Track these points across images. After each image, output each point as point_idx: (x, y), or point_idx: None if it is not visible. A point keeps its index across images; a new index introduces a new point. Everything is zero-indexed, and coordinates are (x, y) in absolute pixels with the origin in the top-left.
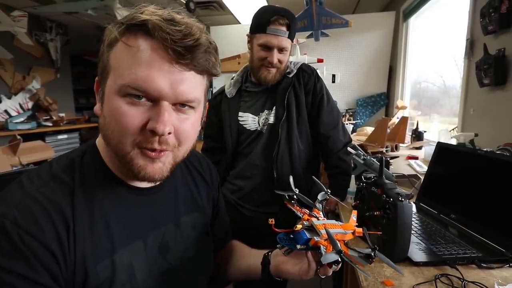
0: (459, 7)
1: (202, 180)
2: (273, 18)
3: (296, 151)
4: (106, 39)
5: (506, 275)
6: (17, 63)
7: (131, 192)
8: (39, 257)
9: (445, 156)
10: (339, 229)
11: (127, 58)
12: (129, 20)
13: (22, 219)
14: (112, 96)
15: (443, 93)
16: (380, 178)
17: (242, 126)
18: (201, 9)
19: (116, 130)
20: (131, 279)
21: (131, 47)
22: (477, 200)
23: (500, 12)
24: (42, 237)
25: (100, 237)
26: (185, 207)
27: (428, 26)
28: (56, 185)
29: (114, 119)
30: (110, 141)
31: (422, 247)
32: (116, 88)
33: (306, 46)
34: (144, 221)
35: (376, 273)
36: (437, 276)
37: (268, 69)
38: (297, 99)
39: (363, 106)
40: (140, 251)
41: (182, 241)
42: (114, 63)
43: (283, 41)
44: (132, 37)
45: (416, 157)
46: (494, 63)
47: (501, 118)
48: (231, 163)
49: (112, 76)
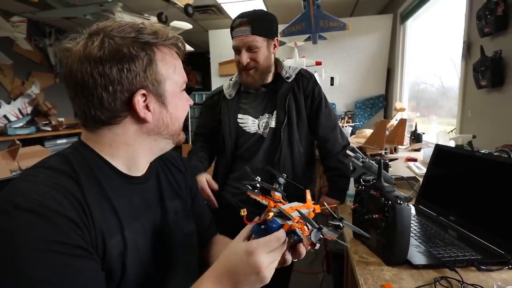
0: (456, 9)
1: (177, 171)
2: (235, 23)
3: (297, 154)
4: (144, 56)
5: (505, 277)
6: (16, 68)
7: (126, 181)
8: (68, 227)
9: (443, 158)
10: (304, 209)
11: (176, 66)
12: (165, 38)
13: (44, 200)
14: (178, 94)
15: (442, 94)
16: (378, 181)
17: (241, 128)
18: (200, 13)
19: (183, 114)
20: (139, 253)
21: (175, 59)
22: (476, 202)
23: (496, 14)
24: (66, 212)
25: (109, 217)
26: (168, 194)
27: (425, 28)
28: (61, 175)
29: (183, 107)
30: (172, 127)
31: (421, 250)
32: (178, 88)
33: (304, 49)
34: (139, 206)
35: (376, 276)
36: (436, 279)
37: (246, 72)
38: (296, 103)
39: (362, 108)
40: (141, 231)
41: (171, 225)
42: (165, 73)
43: (247, 40)
44: (168, 49)
45: (415, 159)
46: (491, 65)
47: (498, 119)
48: (230, 165)
49: (171, 82)
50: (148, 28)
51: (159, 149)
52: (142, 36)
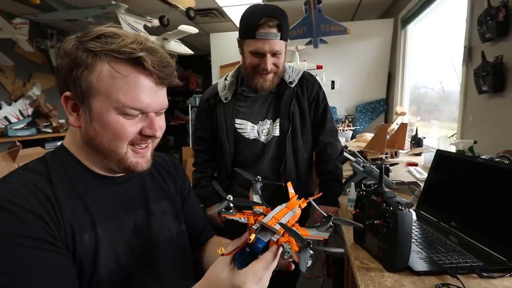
0: (457, 14)
1: (166, 173)
2: (261, 21)
3: (301, 160)
4: (77, 59)
5: (507, 285)
6: (18, 69)
7: (101, 181)
8: (34, 222)
9: (444, 163)
10: (288, 212)
11: (121, 85)
12: (118, 52)
13: (12, 197)
14: (107, 114)
15: (442, 98)
16: (380, 186)
17: (240, 134)
18: (201, 16)
19: (114, 138)
20: (113, 251)
21: (125, 76)
22: (477, 208)
23: (497, 20)
24: (32, 207)
25: (81, 213)
26: (154, 196)
27: (426, 33)
28: (33, 174)
29: (112, 130)
30: (102, 146)
31: (422, 256)
32: (112, 107)
33: (306, 53)
34: (116, 206)
35: (377, 282)
36: (438, 285)
37: (263, 77)
38: (301, 109)
39: (363, 112)
40: (116, 230)
41: (156, 225)
42: (102, 86)
43: (275, 45)
44: (122, 66)
45: (416, 164)
46: (492, 70)
47: (500, 125)
48: (231, 173)
49: (103, 98)
50: (110, 37)
51: (106, 166)
52: (88, 41)
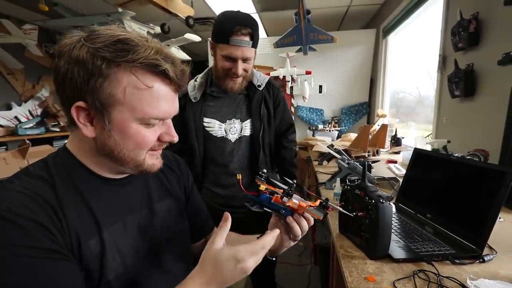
0: (432, 26)
1: (169, 170)
2: (235, 28)
3: (269, 157)
4: (94, 68)
5: (477, 270)
6: (27, 72)
7: (105, 183)
8: (38, 231)
9: (421, 161)
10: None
11: (146, 96)
12: (142, 63)
13: (15, 207)
14: (129, 125)
15: (419, 102)
16: (363, 181)
17: (208, 132)
18: (200, 24)
19: (135, 148)
20: (119, 254)
21: (150, 88)
22: (450, 201)
23: (469, 31)
24: (36, 217)
25: (86, 219)
26: (158, 195)
27: (405, 42)
28: (36, 181)
29: (134, 141)
30: (122, 155)
31: (401, 245)
32: (135, 118)
33: (296, 60)
34: (121, 207)
35: (360, 269)
36: (415, 271)
37: (234, 79)
38: (268, 110)
39: (347, 114)
40: (122, 232)
41: (160, 224)
42: (126, 98)
43: (247, 52)
44: (146, 76)
45: (395, 161)
46: (464, 76)
47: (470, 126)
48: (201, 170)
49: (125, 109)
50: (127, 44)
51: (117, 170)
52: (103, 48)
